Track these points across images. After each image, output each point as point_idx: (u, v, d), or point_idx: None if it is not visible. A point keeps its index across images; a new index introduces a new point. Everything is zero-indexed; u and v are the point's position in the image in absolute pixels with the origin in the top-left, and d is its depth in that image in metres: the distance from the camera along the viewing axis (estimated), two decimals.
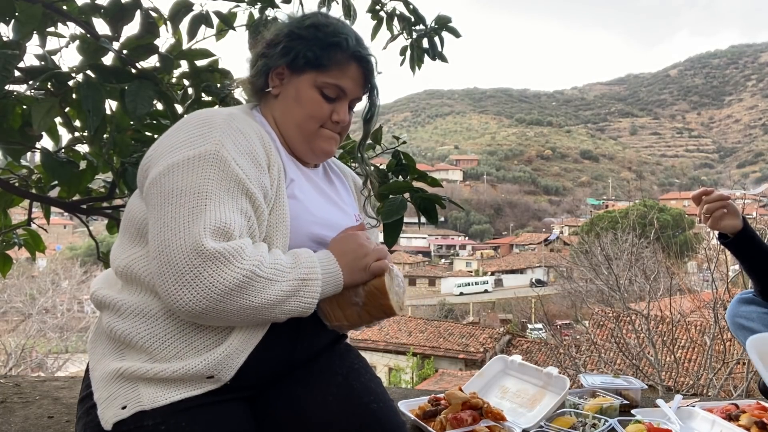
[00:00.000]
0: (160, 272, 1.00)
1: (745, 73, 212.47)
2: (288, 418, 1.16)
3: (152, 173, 1.09)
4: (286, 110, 1.25)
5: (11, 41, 1.90)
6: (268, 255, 1.06)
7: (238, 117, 1.17)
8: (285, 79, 1.25)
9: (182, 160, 1.07)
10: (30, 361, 15.57)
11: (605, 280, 11.83)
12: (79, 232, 45.93)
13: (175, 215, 1.02)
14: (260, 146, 1.16)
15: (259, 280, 1.01)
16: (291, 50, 1.22)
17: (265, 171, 1.14)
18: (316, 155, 1.29)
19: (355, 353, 1.32)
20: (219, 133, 1.10)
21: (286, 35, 1.24)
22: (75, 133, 2.29)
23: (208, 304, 0.99)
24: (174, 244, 0.99)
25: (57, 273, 21.16)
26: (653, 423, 1.63)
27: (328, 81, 1.22)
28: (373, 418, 1.14)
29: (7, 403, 2.18)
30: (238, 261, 1.00)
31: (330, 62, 1.22)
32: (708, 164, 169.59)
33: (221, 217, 1.02)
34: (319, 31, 1.23)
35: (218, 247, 0.99)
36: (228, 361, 1.08)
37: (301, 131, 1.25)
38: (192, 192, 1.03)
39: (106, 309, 1.15)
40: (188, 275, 0.98)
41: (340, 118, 1.25)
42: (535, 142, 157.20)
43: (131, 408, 1.05)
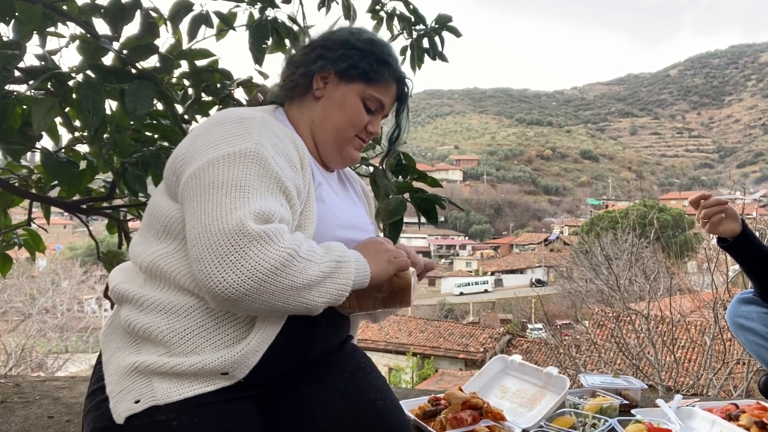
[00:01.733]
0: (200, 257, 0.99)
1: (745, 73, 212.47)
2: (295, 415, 1.16)
3: (191, 168, 1.10)
4: (328, 113, 1.29)
5: (11, 41, 1.90)
6: (304, 240, 1.08)
7: (270, 120, 1.21)
8: (330, 83, 1.29)
9: (223, 155, 1.08)
10: (30, 361, 15.56)
11: (605, 280, 11.83)
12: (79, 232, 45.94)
13: (217, 203, 1.03)
14: (293, 148, 1.19)
15: (300, 260, 1.02)
16: (348, 58, 1.28)
17: (299, 172, 1.17)
18: (343, 161, 1.34)
19: (361, 353, 1.34)
20: (258, 132, 1.13)
21: (342, 43, 1.29)
22: (75, 133, 2.29)
23: (252, 285, 0.98)
24: (216, 228, 1.00)
25: (57, 273, 21.17)
26: (653, 423, 1.63)
27: (374, 94, 1.30)
28: (379, 415, 1.15)
29: (7, 403, 2.19)
30: (281, 240, 1.01)
31: (380, 78, 1.30)
32: (708, 164, 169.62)
33: (263, 205, 1.04)
34: (375, 47, 1.30)
35: (262, 228, 1.00)
36: (244, 359, 1.09)
37: (338, 135, 1.29)
38: (234, 185, 1.05)
39: (127, 303, 1.15)
40: (233, 256, 0.98)
41: (375, 130, 1.34)
42: (535, 142, 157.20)
43: (144, 402, 1.04)
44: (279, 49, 2.39)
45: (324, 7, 2.58)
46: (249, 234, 0.98)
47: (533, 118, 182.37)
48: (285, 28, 2.33)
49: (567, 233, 58.91)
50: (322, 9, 2.58)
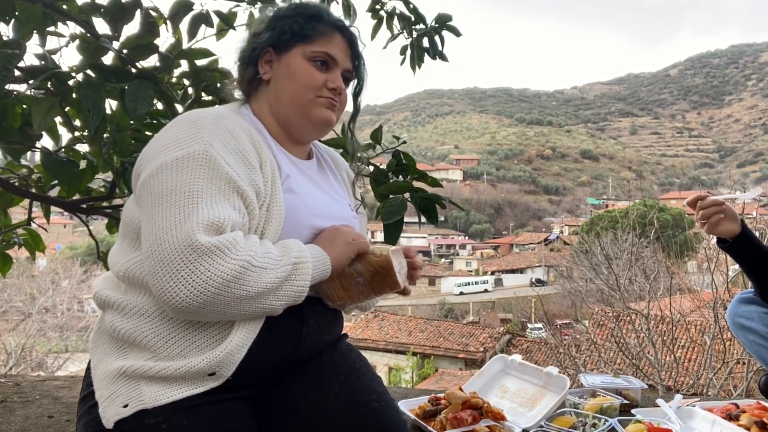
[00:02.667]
0: (153, 271, 1.00)
1: (745, 72, 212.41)
2: (289, 418, 1.16)
3: (143, 175, 1.10)
4: (280, 89, 1.27)
5: (11, 41, 1.90)
6: (259, 245, 1.06)
7: (226, 116, 1.18)
8: (274, 62, 1.27)
9: (171, 160, 1.07)
10: (30, 361, 15.57)
11: (605, 280, 11.82)
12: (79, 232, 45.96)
13: (166, 214, 1.02)
14: (250, 145, 1.16)
15: (254, 269, 1.02)
16: (275, 27, 1.26)
17: (257, 169, 1.15)
18: (314, 125, 1.29)
19: (356, 353, 1.33)
20: (207, 133, 1.11)
21: (269, 20, 1.29)
22: (75, 133, 2.29)
23: (205, 299, 0.98)
24: (166, 242, 0.99)
25: (57, 272, 21.17)
26: (653, 423, 1.63)
27: (316, 50, 1.26)
28: (375, 417, 1.14)
29: (7, 403, 2.18)
30: (233, 253, 1.00)
31: (315, 32, 1.27)
32: (708, 164, 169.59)
33: (213, 213, 1.02)
34: (301, 8, 1.29)
35: (212, 241, 0.99)
36: (229, 357, 1.08)
37: (296, 104, 1.26)
38: (182, 191, 1.04)
39: (109, 309, 1.16)
40: (184, 271, 0.97)
41: (336, 84, 1.27)
42: (535, 141, 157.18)
43: (133, 406, 1.04)
44: None
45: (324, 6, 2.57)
46: (198, 248, 0.98)
47: (533, 118, 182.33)
48: None
49: (567, 233, 58.93)
50: None
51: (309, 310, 1.21)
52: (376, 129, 2.19)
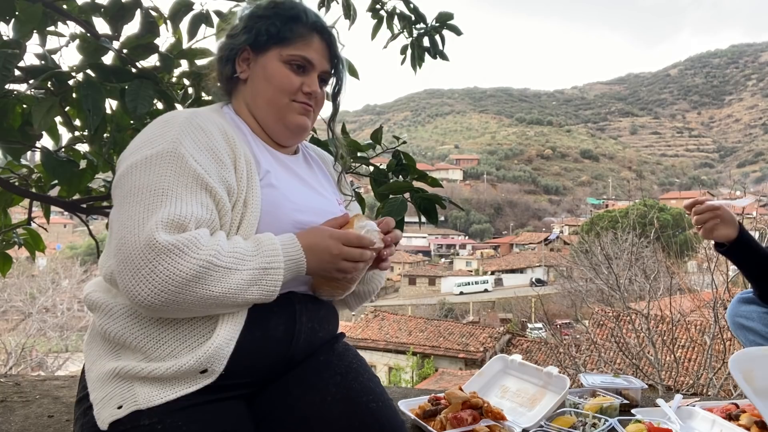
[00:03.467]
0: (118, 270, 1.01)
1: (745, 72, 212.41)
2: (286, 419, 1.15)
3: (116, 177, 1.12)
4: (256, 90, 1.27)
5: (11, 40, 1.90)
6: (226, 243, 1.05)
7: (200, 114, 1.19)
8: (251, 62, 1.27)
9: (141, 159, 1.08)
10: (30, 360, 15.57)
11: (605, 280, 11.83)
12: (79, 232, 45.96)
13: (131, 213, 1.03)
14: (223, 142, 1.16)
15: (216, 269, 1.01)
16: (252, 29, 1.25)
17: (229, 167, 1.14)
18: (290, 131, 1.29)
19: (353, 352, 1.32)
20: (177, 131, 1.11)
21: (246, 19, 1.28)
22: (75, 133, 2.29)
23: (167, 297, 0.99)
24: (129, 241, 1.00)
25: (57, 272, 21.18)
26: (653, 422, 1.63)
27: (293, 53, 1.25)
28: (372, 417, 1.14)
29: (7, 402, 2.18)
30: (193, 251, 1.00)
31: (293, 34, 1.25)
32: (708, 164, 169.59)
33: (176, 211, 1.02)
34: (277, 8, 1.27)
35: (171, 240, 0.99)
36: (218, 352, 1.07)
37: (271, 107, 1.26)
38: (148, 189, 1.04)
39: (97, 311, 1.16)
40: (144, 270, 0.98)
41: (312, 88, 1.26)
42: (535, 141, 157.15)
43: (127, 407, 1.04)
44: None
45: (324, 6, 2.57)
46: (157, 247, 0.98)
47: (533, 118, 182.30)
48: None
49: (567, 233, 58.92)
50: (321, 8, 2.58)
51: (301, 307, 1.20)
52: (377, 129, 2.19)
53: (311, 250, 1.13)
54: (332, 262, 1.15)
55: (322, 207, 1.28)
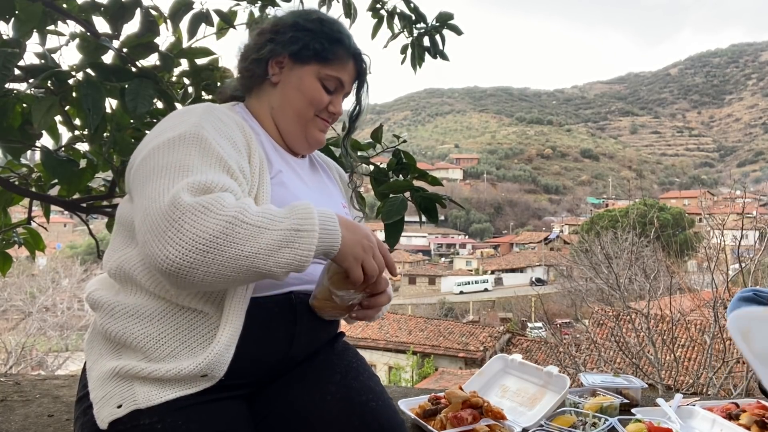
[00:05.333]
0: (144, 241, 0.97)
1: (745, 71, 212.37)
2: (286, 418, 1.15)
3: (137, 161, 1.11)
4: (286, 97, 1.28)
5: (11, 39, 1.90)
6: (254, 205, 1.02)
7: (218, 108, 1.20)
8: (285, 68, 1.28)
9: (163, 141, 1.08)
10: (30, 360, 15.58)
11: (605, 279, 11.83)
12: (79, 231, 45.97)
13: (156, 186, 1.01)
14: (240, 134, 1.17)
15: (244, 226, 0.96)
16: (299, 40, 1.26)
17: (245, 157, 1.15)
18: (308, 143, 1.32)
19: (353, 351, 1.32)
20: (197, 117, 1.12)
21: (291, 26, 1.28)
22: (75, 132, 2.29)
23: (195, 257, 0.93)
24: (154, 208, 0.97)
25: (57, 271, 21.17)
26: (653, 422, 1.63)
27: (330, 74, 1.28)
28: (372, 416, 1.13)
29: (7, 402, 2.19)
30: (219, 209, 0.96)
31: (334, 56, 1.28)
32: (708, 163, 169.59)
33: (202, 177, 1.00)
34: (324, 26, 1.28)
35: (197, 199, 0.96)
36: (219, 358, 1.07)
37: (298, 118, 1.28)
38: (173, 166, 1.03)
39: (99, 310, 1.15)
40: (170, 231, 0.94)
41: (337, 110, 1.32)
42: (535, 140, 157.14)
43: (127, 407, 1.04)
44: None
45: (324, 5, 2.57)
46: (182, 206, 0.94)
47: (533, 117, 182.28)
48: None
49: (567, 232, 58.92)
50: (322, 7, 2.58)
51: (302, 308, 1.20)
52: (377, 128, 2.19)
53: (348, 228, 1.08)
54: (365, 250, 1.08)
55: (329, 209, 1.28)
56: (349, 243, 1.06)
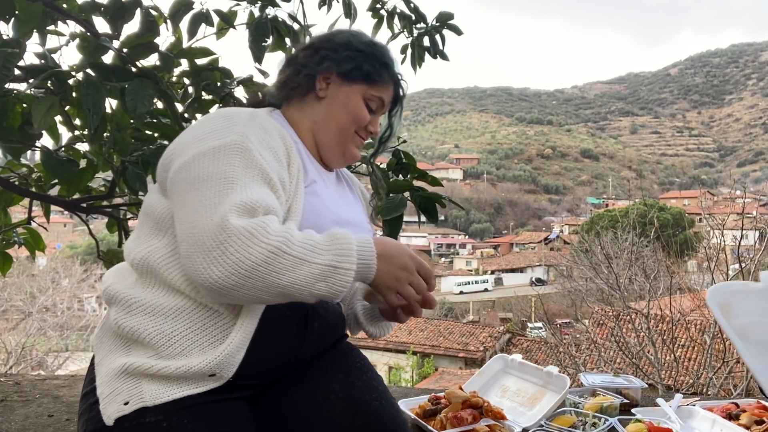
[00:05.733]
0: (188, 254, 1.01)
1: (745, 72, 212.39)
2: (289, 417, 1.15)
3: (177, 163, 1.11)
4: (331, 113, 1.31)
5: (11, 39, 1.90)
6: (298, 232, 1.05)
7: (260, 115, 1.22)
8: (332, 84, 1.32)
9: (208, 149, 1.09)
10: (30, 360, 15.58)
11: (605, 279, 11.84)
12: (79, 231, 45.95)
13: (202, 198, 1.03)
14: (281, 143, 1.19)
15: (286, 257, 1.00)
16: (352, 60, 1.31)
17: (285, 166, 1.17)
18: (345, 159, 1.36)
19: (356, 351, 1.32)
20: (242, 126, 1.14)
21: (344, 45, 1.32)
22: (75, 132, 2.29)
23: (236, 281, 0.98)
24: (201, 224, 1.00)
25: (57, 271, 21.18)
26: (653, 422, 1.63)
27: (375, 95, 1.33)
28: (375, 416, 1.14)
29: (7, 402, 2.19)
30: (263, 236, 0.99)
31: (380, 79, 1.33)
32: (708, 163, 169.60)
33: (248, 195, 1.04)
34: (376, 50, 1.35)
35: (242, 223, 0.99)
36: (229, 359, 1.08)
37: (340, 133, 1.32)
38: (218, 177, 1.05)
39: (115, 304, 1.15)
40: (215, 251, 0.98)
41: (375, 129, 1.38)
42: (535, 141, 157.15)
43: (133, 404, 1.04)
44: (279, 48, 2.38)
45: (325, 5, 2.57)
46: (230, 229, 0.98)
47: (533, 117, 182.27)
48: (285, 27, 2.33)
49: (567, 232, 58.92)
50: (323, 7, 2.58)
51: (314, 312, 1.21)
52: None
53: (384, 259, 1.11)
54: (400, 281, 1.12)
55: (355, 221, 1.31)
56: (383, 274, 1.11)
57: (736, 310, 1.28)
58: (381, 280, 1.11)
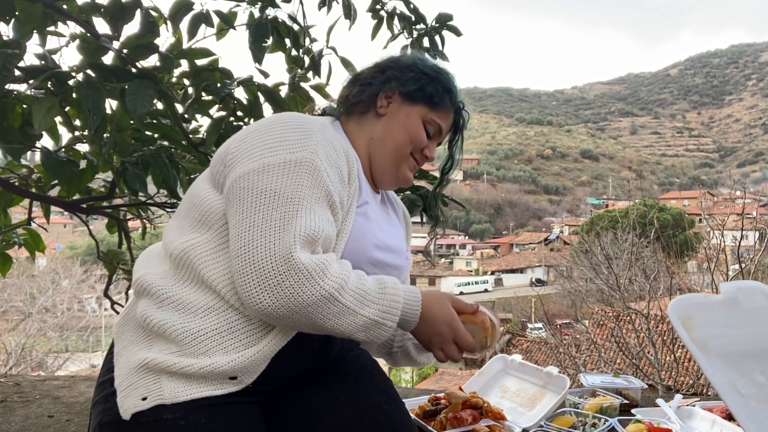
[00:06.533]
0: (243, 271, 1.02)
1: (745, 72, 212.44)
2: (299, 420, 1.16)
3: (243, 167, 1.10)
4: (389, 131, 1.31)
5: (11, 40, 1.90)
6: (353, 276, 1.07)
7: (329, 128, 1.22)
8: (393, 103, 1.32)
9: (279, 162, 1.09)
10: (30, 361, 15.58)
11: (605, 280, 11.83)
12: (79, 232, 45.92)
13: (267, 217, 1.04)
14: (344, 161, 1.20)
15: (337, 304, 1.03)
16: (416, 81, 1.32)
17: (346, 185, 1.18)
18: (397, 180, 1.36)
19: (367, 355, 1.32)
20: (315, 142, 1.13)
21: (409, 66, 1.34)
22: (75, 133, 2.29)
23: (284, 313, 1.02)
24: (264, 246, 1.02)
25: (57, 272, 21.18)
26: (653, 422, 1.63)
27: (435, 119, 1.34)
28: (385, 419, 1.14)
29: (7, 402, 2.19)
30: (321, 279, 1.02)
31: (442, 103, 1.34)
32: (708, 164, 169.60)
33: (311, 225, 1.05)
34: (441, 75, 1.35)
35: (305, 260, 1.01)
36: (254, 365, 1.08)
37: (396, 153, 1.32)
38: (286, 196, 1.06)
39: (146, 296, 1.14)
40: (272, 280, 1.00)
41: (431, 154, 1.38)
42: (535, 141, 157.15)
43: (151, 400, 1.04)
44: (279, 49, 2.39)
45: (325, 6, 2.57)
46: (291, 263, 1.00)
47: (533, 118, 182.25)
48: (285, 28, 2.33)
49: (567, 233, 58.90)
50: (322, 8, 2.58)
51: None
52: None
53: (426, 317, 1.15)
54: (432, 343, 1.17)
55: (398, 247, 1.31)
56: (419, 331, 1.16)
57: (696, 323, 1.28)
58: (417, 335, 1.17)
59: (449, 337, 1.16)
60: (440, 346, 1.17)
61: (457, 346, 1.17)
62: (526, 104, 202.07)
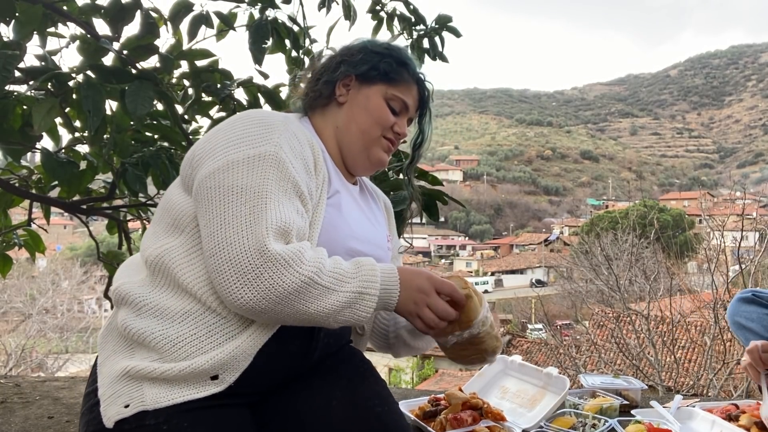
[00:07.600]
0: (220, 269, 1.02)
1: (745, 73, 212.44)
2: (291, 423, 1.15)
3: (208, 167, 1.10)
4: (352, 117, 1.31)
5: (12, 41, 1.90)
6: (328, 260, 1.07)
7: (293, 121, 1.22)
8: (352, 89, 1.32)
9: (243, 158, 1.09)
10: (30, 362, 15.56)
11: (605, 281, 11.81)
12: (79, 232, 45.91)
13: (236, 213, 1.04)
14: (310, 152, 1.20)
15: (316, 287, 1.03)
16: (368, 61, 1.31)
17: (313, 175, 1.18)
18: (371, 163, 1.35)
19: (359, 356, 1.31)
20: (278, 135, 1.13)
21: (360, 50, 1.33)
22: (75, 134, 2.29)
23: (267, 305, 1.01)
24: (237, 242, 1.02)
25: (57, 273, 21.16)
26: (653, 423, 1.63)
27: (396, 94, 1.33)
28: (378, 421, 1.14)
29: (7, 404, 2.19)
30: (298, 266, 1.02)
31: (400, 78, 1.33)
32: (708, 164, 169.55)
33: (281, 217, 1.05)
34: (392, 50, 1.34)
35: (280, 250, 1.01)
36: (233, 361, 1.07)
37: (363, 136, 1.31)
38: (253, 191, 1.06)
39: (125, 306, 1.14)
40: (250, 274, 1.00)
41: (402, 130, 1.35)
42: (535, 142, 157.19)
43: (134, 407, 1.04)
44: (279, 50, 2.39)
45: (324, 7, 2.57)
46: (267, 255, 1.00)
47: (533, 119, 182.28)
48: (285, 29, 2.34)
49: (567, 233, 58.87)
50: (322, 9, 2.58)
51: None
52: None
53: (404, 282, 1.14)
54: (417, 304, 1.15)
55: (376, 238, 1.31)
56: (402, 300, 1.14)
57: None
58: (402, 307, 1.15)
59: (430, 288, 1.15)
60: (425, 303, 1.15)
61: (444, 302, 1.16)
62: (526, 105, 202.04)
